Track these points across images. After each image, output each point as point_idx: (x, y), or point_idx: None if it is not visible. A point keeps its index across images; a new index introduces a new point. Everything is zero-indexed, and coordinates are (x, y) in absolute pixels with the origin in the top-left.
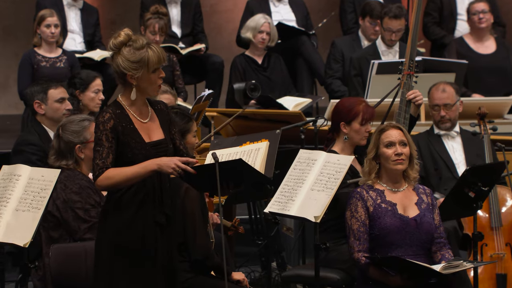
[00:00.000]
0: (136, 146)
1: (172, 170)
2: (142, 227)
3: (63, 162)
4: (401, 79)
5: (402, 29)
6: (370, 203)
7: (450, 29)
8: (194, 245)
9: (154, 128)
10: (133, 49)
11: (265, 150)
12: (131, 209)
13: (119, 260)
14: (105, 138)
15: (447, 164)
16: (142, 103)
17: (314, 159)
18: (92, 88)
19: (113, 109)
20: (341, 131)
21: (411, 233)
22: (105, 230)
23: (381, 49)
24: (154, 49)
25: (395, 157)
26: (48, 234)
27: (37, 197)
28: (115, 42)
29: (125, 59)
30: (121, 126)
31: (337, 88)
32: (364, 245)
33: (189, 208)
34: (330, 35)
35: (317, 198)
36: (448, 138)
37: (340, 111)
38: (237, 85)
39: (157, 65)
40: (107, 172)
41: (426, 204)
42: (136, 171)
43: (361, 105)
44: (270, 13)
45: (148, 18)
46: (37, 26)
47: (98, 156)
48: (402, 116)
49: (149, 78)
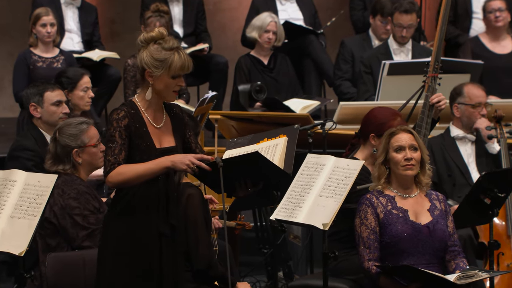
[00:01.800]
0: (146, 150)
1: (186, 167)
2: (145, 237)
3: (59, 167)
4: (426, 82)
5: (413, 25)
6: (380, 210)
7: (465, 28)
8: (196, 254)
9: (166, 134)
10: (161, 47)
11: (283, 145)
12: (135, 217)
13: (121, 269)
14: (118, 135)
15: (461, 170)
16: (157, 108)
17: (322, 164)
18: (81, 87)
19: (128, 108)
20: (369, 141)
21: (423, 240)
22: (108, 237)
23: (392, 48)
24: (181, 55)
25: (404, 162)
26: (44, 242)
27: (33, 203)
28: (146, 36)
29: (150, 55)
30: (134, 127)
31: (346, 90)
32: (375, 253)
33: (191, 215)
34: (339, 34)
35: (325, 205)
36: (464, 141)
37: (372, 122)
38: (242, 87)
39: (179, 71)
40: (118, 168)
41: (439, 211)
42: (148, 168)
43: (396, 121)
44: (277, 11)
45: (149, 16)
46: (32, 26)
47: (110, 152)
48: (425, 121)
49: (167, 81)
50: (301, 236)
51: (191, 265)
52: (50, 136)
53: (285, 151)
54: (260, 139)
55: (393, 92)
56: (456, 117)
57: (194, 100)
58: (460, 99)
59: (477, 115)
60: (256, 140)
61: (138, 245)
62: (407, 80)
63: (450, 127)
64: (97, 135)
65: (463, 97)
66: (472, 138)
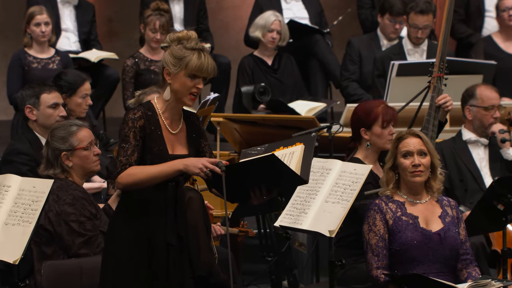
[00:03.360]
0: (158, 154)
1: (199, 171)
2: (153, 246)
3: (50, 171)
4: (431, 82)
5: (429, 25)
6: (389, 216)
7: (477, 27)
8: (198, 260)
9: (180, 142)
10: (183, 47)
11: (300, 153)
12: (142, 225)
13: (126, 276)
14: (132, 136)
15: (473, 174)
16: (175, 112)
17: (328, 169)
18: (80, 93)
19: (144, 109)
20: (362, 138)
21: (434, 248)
22: (113, 244)
23: (407, 48)
24: (202, 56)
25: (412, 169)
26: (40, 250)
27: (28, 209)
28: (173, 36)
29: (170, 53)
30: (149, 129)
31: (353, 92)
32: (383, 261)
33: (191, 220)
34: (346, 33)
35: (331, 211)
36: (477, 145)
37: (358, 116)
38: (245, 88)
39: (196, 71)
40: (129, 169)
41: (451, 218)
42: (161, 170)
43: (380, 107)
44: (281, 10)
45: (148, 15)
46: (26, 25)
47: (122, 153)
48: (431, 123)
49: (183, 81)
50: (306, 244)
51: (192, 272)
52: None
53: (301, 159)
54: (276, 147)
55: (402, 94)
56: (468, 119)
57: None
58: (472, 101)
59: (490, 118)
60: (272, 148)
61: (145, 253)
62: (417, 82)
63: (462, 130)
64: (89, 138)
65: (476, 99)
66: (485, 141)
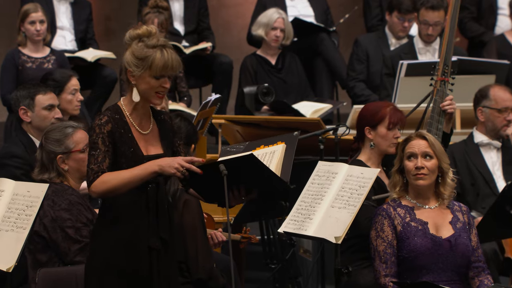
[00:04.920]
0: (133, 157)
1: (175, 171)
2: (135, 251)
3: (45, 176)
4: (434, 86)
5: (440, 22)
6: (398, 222)
7: (490, 25)
8: (196, 263)
9: (153, 141)
10: (144, 45)
11: (281, 152)
12: (123, 228)
13: (110, 284)
14: (101, 142)
15: (485, 178)
16: (144, 112)
17: (334, 172)
18: (69, 89)
19: (111, 113)
20: (366, 138)
21: (444, 256)
22: (95, 251)
23: (418, 47)
24: (165, 54)
25: (415, 171)
26: (34, 257)
27: (22, 215)
28: (132, 33)
29: (132, 53)
30: (119, 132)
31: (360, 92)
32: (392, 268)
33: (189, 222)
34: (352, 32)
35: (338, 217)
36: (489, 148)
37: (364, 115)
38: (247, 89)
39: (162, 71)
40: (102, 176)
41: (462, 223)
42: (135, 174)
43: (389, 108)
44: (285, 7)
45: (147, 12)
46: (20, 23)
47: (93, 160)
48: (434, 127)
49: (149, 82)
50: (311, 250)
51: (190, 275)
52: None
53: (282, 158)
54: (256, 146)
55: (411, 95)
56: (480, 121)
57: (196, 103)
58: (485, 102)
59: (503, 121)
60: (252, 147)
61: (127, 258)
62: (426, 82)
63: (474, 133)
64: (86, 140)
65: (489, 100)
66: (498, 144)
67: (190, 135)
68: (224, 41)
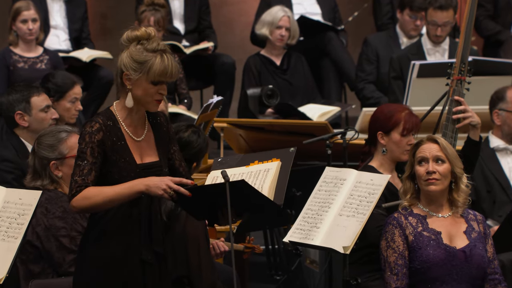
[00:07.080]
0: (125, 166)
1: (162, 192)
2: (127, 264)
3: (38, 182)
4: (450, 85)
5: (449, 22)
6: (409, 231)
7: (507, 24)
8: (199, 276)
9: (148, 148)
10: (143, 48)
11: (275, 171)
12: (115, 241)
13: None
14: (89, 152)
15: (502, 185)
16: (138, 117)
17: (342, 179)
18: (69, 97)
19: (103, 119)
20: (378, 143)
21: (459, 267)
22: (83, 263)
23: (426, 47)
24: (165, 59)
25: (426, 176)
26: (26, 268)
27: (14, 223)
28: (130, 34)
29: (129, 56)
30: (111, 141)
31: (370, 94)
32: (403, 280)
33: (192, 234)
34: (362, 31)
35: (346, 225)
36: (506, 153)
37: (378, 118)
38: (251, 91)
39: (160, 77)
40: (85, 191)
41: (477, 233)
42: (119, 192)
43: (404, 113)
44: (291, 5)
45: (143, 10)
46: (12, 22)
47: (78, 172)
48: (450, 129)
49: (146, 87)
50: (318, 261)
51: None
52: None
53: (277, 178)
54: (250, 161)
55: (424, 97)
56: (497, 125)
57: (197, 106)
58: (501, 104)
59: None
60: (246, 162)
61: (119, 272)
62: (440, 83)
63: (489, 137)
64: None
65: (506, 102)
66: None
67: (200, 153)
68: (226, 41)
